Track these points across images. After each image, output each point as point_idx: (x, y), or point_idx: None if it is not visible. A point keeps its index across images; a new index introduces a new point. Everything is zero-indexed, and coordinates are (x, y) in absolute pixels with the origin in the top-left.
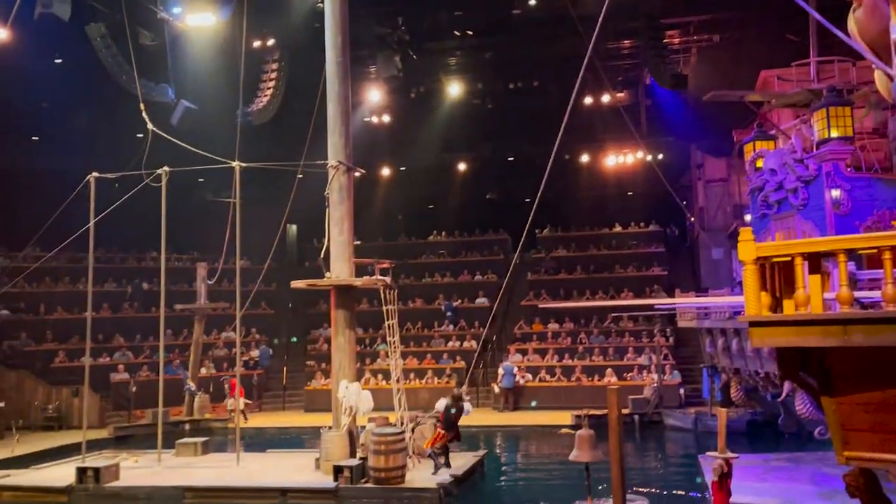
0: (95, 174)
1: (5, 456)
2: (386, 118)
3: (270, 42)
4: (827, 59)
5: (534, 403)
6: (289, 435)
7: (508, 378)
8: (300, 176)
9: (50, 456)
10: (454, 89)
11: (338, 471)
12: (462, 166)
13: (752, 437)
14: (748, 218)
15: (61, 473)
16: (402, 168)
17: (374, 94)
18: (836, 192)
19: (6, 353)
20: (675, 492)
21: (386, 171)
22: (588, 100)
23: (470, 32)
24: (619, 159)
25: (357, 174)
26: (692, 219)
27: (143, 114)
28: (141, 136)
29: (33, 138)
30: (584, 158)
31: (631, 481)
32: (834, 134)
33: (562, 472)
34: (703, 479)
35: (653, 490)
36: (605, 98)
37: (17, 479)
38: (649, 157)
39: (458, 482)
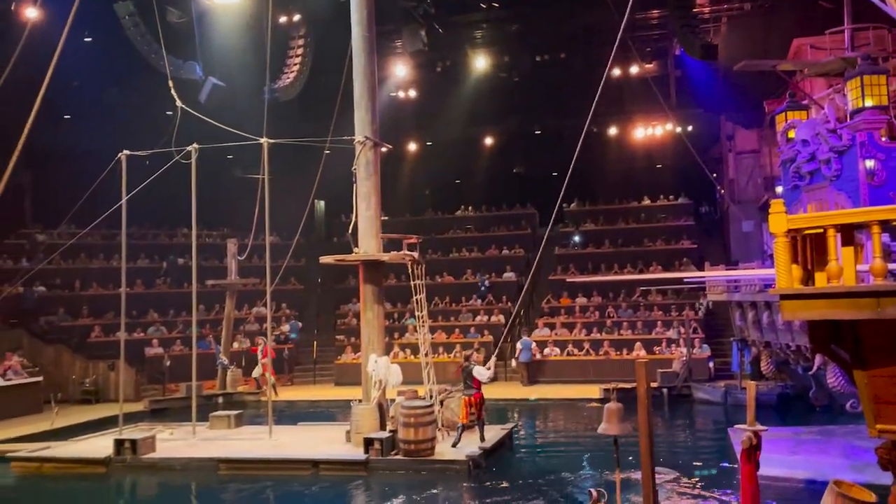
0: (126, 152)
1: (45, 428)
2: (412, 93)
3: (296, 18)
4: (861, 26)
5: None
6: (319, 408)
7: (526, 353)
8: (327, 152)
9: (88, 428)
10: (480, 63)
11: (368, 443)
12: (489, 140)
13: (782, 410)
14: (779, 190)
15: (100, 445)
16: (428, 143)
17: (400, 69)
18: (870, 163)
19: (44, 328)
20: (704, 464)
21: (412, 146)
22: (616, 71)
23: (496, 4)
24: (648, 131)
25: (384, 149)
26: (722, 191)
27: (172, 91)
28: (170, 113)
29: (65, 116)
30: (613, 131)
31: (659, 454)
32: (868, 103)
33: (590, 446)
34: (732, 451)
35: (682, 462)
36: (634, 69)
37: (58, 450)
38: (678, 129)
39: (486, 454)
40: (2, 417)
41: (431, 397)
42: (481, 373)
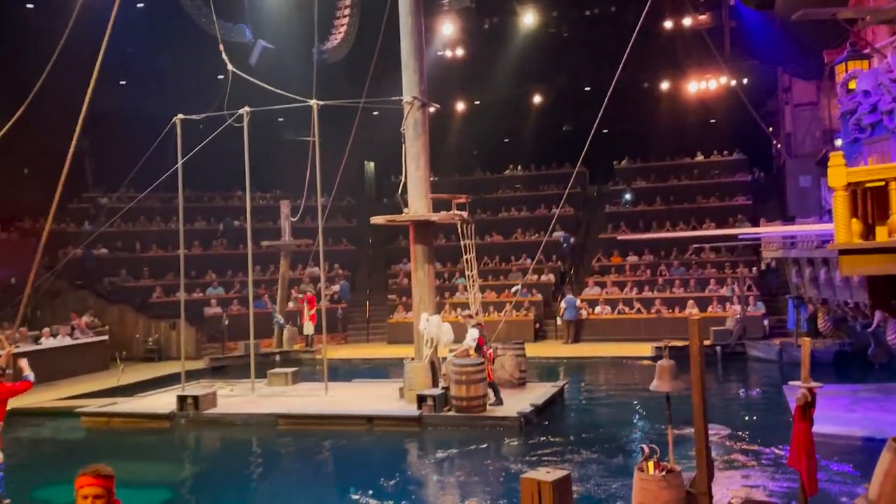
0: (181, 116)
1: (112, 385)
2: (459, 51)
3: None
4: None
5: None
6: (373, 365)
7: (571, 311)
8: (376, 113)
9: (152, 385)
10: (528, 19)
11: (421, 399)
12: (537, 98)
13: (840, 368)
14: (839, 143)
15: (163, 401)
16: (476, 102)
17: (447, 28)
18: None
19: (108, 289)
20: (758, 421)
21: (460, 106)
22: (668, 24)
23: None
24: (701, 85)
25: (432, 109)
26: (778, 146)
27: (223, 55)
28: (221, 77)
29: (121, 82)
30: (664, 86)
31: (713, 410)
32: None
33: (642, 403)
34: (787, 408)
35: (735, 419)
36: (687, 21)
37: (125, 406)
38: (733, 83)
39: (538, 411)
40: (71, 375)
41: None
42: (472, 335)
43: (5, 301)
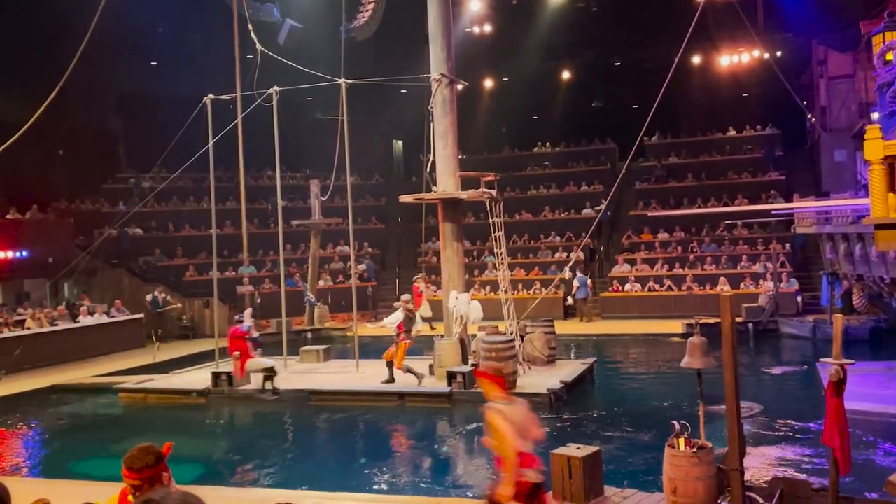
0: (211, 96)
1: (148, 362)
2: (487, 27)
3: None
4: None
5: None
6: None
7: (583, 290)
8: (404, 91)
9: (186, 362)
10: None
11: (451, 376)
12: (566, 74)
13: (875, 344)
14: (875, 116)
15: (198, 377)
16: (504, 78)
17: (475, 3)
18: None
19: (143, 268)
20: (790, 398)
21: (488, 83)
22: None
23: None
24: (734, 59)
25: (460, 87)
26: (813, 119)
27: (252, 34)
28: (251, 56)
29: (152, 63)
30: (696, 60)
31: (745, 388)
32: None
33: (672, 380)
34: (820, 385)
35: (767, 396)
36: None
37: (161, 383)
38: (766, 56)
39: (567, 388)
40: (108, 352)
41: (512, 333)
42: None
43: (44, 280)
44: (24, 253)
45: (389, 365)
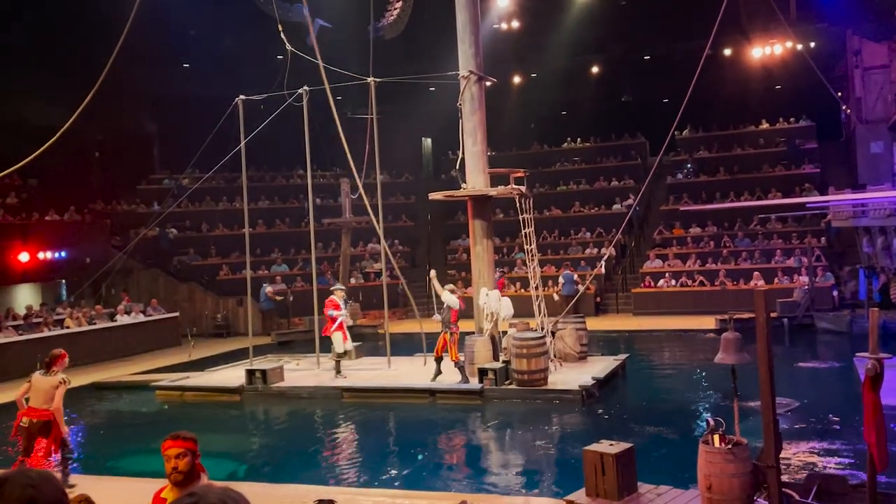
0: (242, 97)
1: (183, 360)
2: (515, 23)
3: None
4: None
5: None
6: (434, 340)
7: (568, 286)
8: (432, 88)
9: (221, 360)
10: None
11: (483, 373)
12: (595, 69)
13: None
14: None
15: (233, 375)
16: (532, 74)
17: (502, 0)
18: None
19: (177, 267)
20: (827, 394)
21: (516, 79)
22: None
23: None
24: (766, 51)
25: (488, 83)
26: (848, 111)
27: (281, 34)
28: (280, 57)
29: (184, 65)
30: (727, 52)
31: (780, 383)
32: None
33: (706, 377)
34: (857, 380)
35: (803, 392)
36: None
37: (196, 380)
38: (800, 47)
39: (600, 384)
40: (145, 350)
41: (543, 329)
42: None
43: (82, 280)
44: (63, 253)
45: (438, 360)
